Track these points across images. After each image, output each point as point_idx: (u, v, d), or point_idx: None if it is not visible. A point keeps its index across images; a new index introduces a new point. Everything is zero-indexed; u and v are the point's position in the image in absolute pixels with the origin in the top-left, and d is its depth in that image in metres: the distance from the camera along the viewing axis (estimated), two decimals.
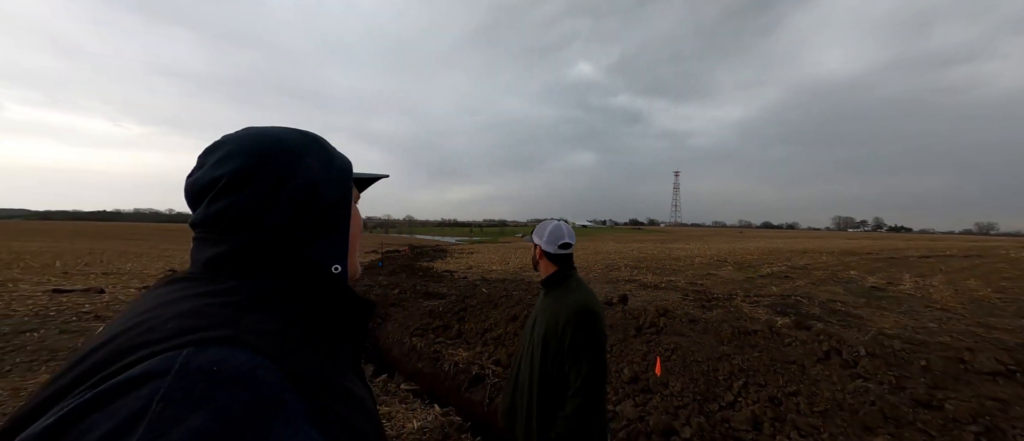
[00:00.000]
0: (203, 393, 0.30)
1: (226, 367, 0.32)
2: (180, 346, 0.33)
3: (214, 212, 0.48)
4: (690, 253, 20.56)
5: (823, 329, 3.56)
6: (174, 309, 0.39)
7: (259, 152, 0.49)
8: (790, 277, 11.28)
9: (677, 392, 2.79)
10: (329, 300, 0.49)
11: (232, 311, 0.40)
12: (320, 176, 0.52)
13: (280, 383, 0.34)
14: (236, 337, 0.36)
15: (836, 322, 5.74)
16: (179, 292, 0.43)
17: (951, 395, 2.49)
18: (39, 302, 6.38)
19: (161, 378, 0.30)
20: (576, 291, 1.39)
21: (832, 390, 2.52)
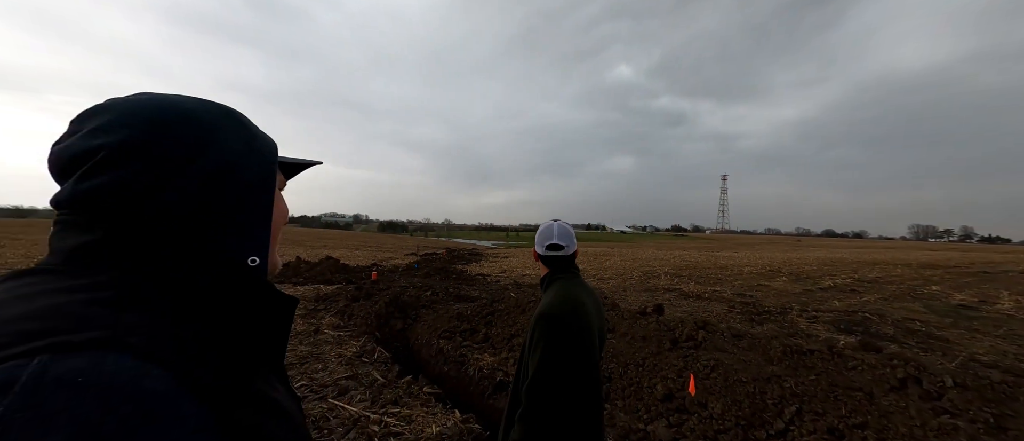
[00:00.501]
0: (62, 409, 0.24)
1: (97, 376, 0.27)
2: (28, 353, 0.27)
3: (87, 189, 0.40)
4: (738, 262, 19.22)
5: (898, 352, 3.07)
6: (22, 308, 0.32)
7: (158, 122, 0.42)
8: (857, 291, 10.14)
9: (718, 414, 2.51)
10: (243, 296, 0.43)
11: (108, 309, 0.33)
12: (237, 156, 0.45)
13: (174, 392, 0.29)
14: (114, 339, 0.30)
15: (914, 344, 5.02)
16: (29, 287, 0.35)
17: None
18: None
19: (4, 394, 0.24)
20: (548, 294, 1.28)
21: (909, 425, 2.12)
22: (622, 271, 14.26)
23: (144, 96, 0.45)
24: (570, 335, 1.15)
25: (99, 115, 0.42)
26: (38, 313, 0.31)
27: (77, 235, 0.40)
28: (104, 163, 0.39)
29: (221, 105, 0.49)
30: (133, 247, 0.39)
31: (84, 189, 0.40)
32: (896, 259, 22.89)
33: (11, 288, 0.35)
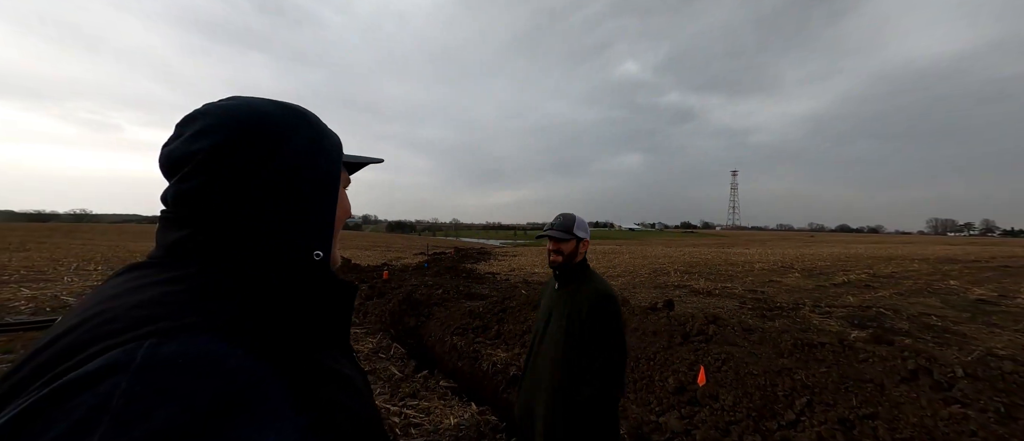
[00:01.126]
0: (169, 385, 0.28)
1: (194, 356, 0.31)
2: (142, 336, 0.31)
3: (185, 191, 0.44)
4: (750, 258, 18.99)
5: (909, 345, 3.07)
6: (135, 297, 0.37)
7: (240, 128, 0.46)
8: (872, 287, 9.98)
9: (729, 406, 2.56)
10: (309, 287, 0.46)
11: (199, 298, 0.38)
12: (305, 157, 0.48)
13: (255, 369, 0.33)
14: (204, 324, 0.34)
15: (930, 339, 4.97)
16: (140, 279, 0.40)
17: None
18: None
19: (122, 372, 0.28)
20: (595, 279, 1.46)
21: (920, 415, 2.15)
22: (631, 269, 14.22)
23: (232, 101, 0.49)
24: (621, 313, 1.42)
25: (197, 121, 0.47)
26: (147, 302, 0.36)
27: (174, 231, 0.45)
28: (199, 167, 0.44)
29: (295, 107, 0.52)
30: (219, 243, 0.44)
31: (182, 190, 0.45)
32: (913, 254, 22.37)
33: (127, 280, 0.41)
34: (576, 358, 1.36)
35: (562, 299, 1.47)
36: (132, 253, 15.99)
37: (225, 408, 0.29)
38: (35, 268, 10.35)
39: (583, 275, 1.48)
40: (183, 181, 0.45)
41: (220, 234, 0.44)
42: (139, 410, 0.26)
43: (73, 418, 0.25)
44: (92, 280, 8.77)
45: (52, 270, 10.12)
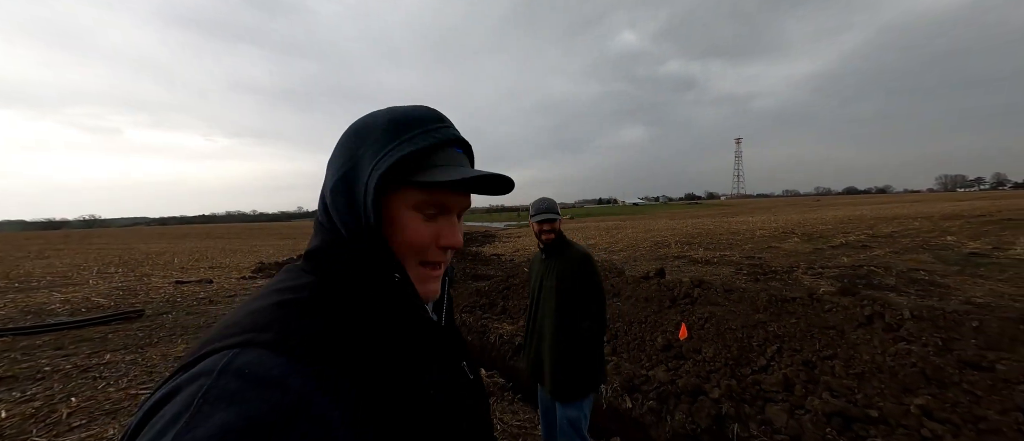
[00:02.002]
0: (234, 393, 0.31)
1: (259, 370, 0.33)
2: (232, 345, 0.35)
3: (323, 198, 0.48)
4: (751, 226, 19.14)
5: (869, 294, 3.34)
6: (256, 304, 0.41)
7: (342, 136, 0.48)
8: (869, 246, 10.17)
9: (709, 358, 2.86)
10: (389, 310, 0.46)
11: (290, 313, 0.40)
12: (357, 166, 0.46)
13: (315, 390, 0.34)
14: (278, 342, 0.36)
15: (913, 292, 5.22)
16: (273, 285, 0.45)
17: (1005, 356, 2.28)
18: (168, 291, 7.84)
19: (207, 376, 0.32)
20: (575, 246, 1.83)
21: (871, 353, 2.43)
22: (633, 242, 14.47)
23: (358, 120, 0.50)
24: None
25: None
26: (256, 311, 0.40)
27: (312, 239, 0.49)
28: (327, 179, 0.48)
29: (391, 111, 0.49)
30: (327, 256, 0.47)
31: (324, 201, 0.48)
32: (917, 212, 22.35)
33: (272, 281, 0.47)
34: (571, 305, 1.70)
35: (551, 266, 1.80)
36: (146, 255, 16.53)
37: (276, 422, 0.31)
38: (59, 274, 10.82)
39: (565, 245, 1.83)
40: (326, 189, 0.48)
41: (332, 248, 0.46)
42: (207, 412, 0.30)
43: (173, 410, 0.30)
44: (115, 282, 9.21)
45: (76, 275, 10.59)
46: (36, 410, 2.94)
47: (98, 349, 4.33)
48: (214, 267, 12.00)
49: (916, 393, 2.11)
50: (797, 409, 2.27)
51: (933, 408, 1.99)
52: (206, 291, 7.84)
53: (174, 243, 25.66)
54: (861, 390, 2.22)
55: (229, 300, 6.96)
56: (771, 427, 2.20)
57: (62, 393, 3.24)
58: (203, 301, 6.90)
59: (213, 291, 7.82)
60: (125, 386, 3.38)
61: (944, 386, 2.13)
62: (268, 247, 19.91)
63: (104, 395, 3.20)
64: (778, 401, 2.35)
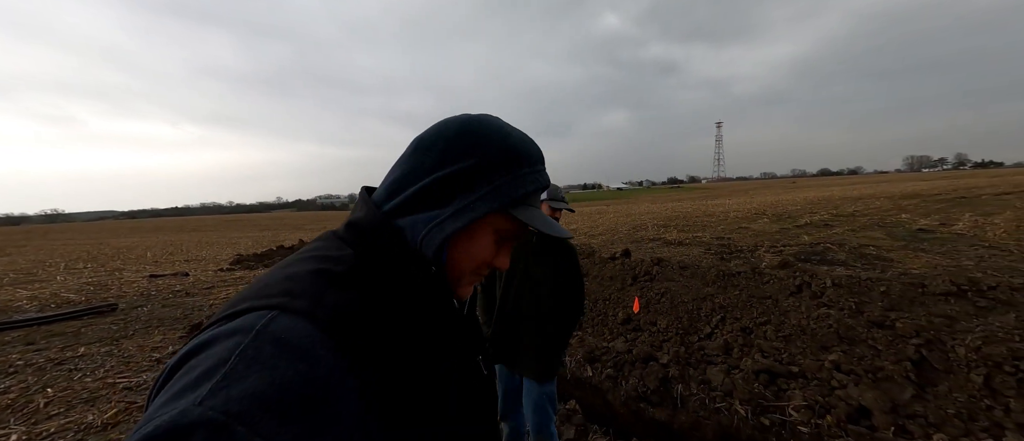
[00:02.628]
0: (268, 357, 0.32)
1: (292, 337, 0.34)
2: (269, 307, 0.37)
3: (392, 168, 0.51)
4: (727, 208, 19.80)
5: (802, 267, 3.67)
6: (292, 269, 0.43)
7: (443, 133, 0.50)
8: (831, 225, 10.75)
9: (663, 329, 3.11)
10: (420, 296, 0.47)
11: (325, 283, 0.41)
12: (463, 176, 0.48)
13: (339, 365, 0.35)
14: (308, 310, 0.37)
15: (860, 266, 5.64)
16: (311, 251, 0.47)
17: (904, 316, 2.60)
18: (141, 286, 7.72)
19: (245, 334, 0.34)
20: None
21: (799, 318, 2.72)
22: (613, 226, 14.83)
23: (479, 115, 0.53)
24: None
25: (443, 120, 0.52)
26: (293, 276, 0.42)
27: (358, 209, 0.51)
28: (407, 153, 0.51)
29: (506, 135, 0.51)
30: (370, 232, 0.48)
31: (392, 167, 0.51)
32: (881, 192, 23.48)
33: (310, 246, 0.49)
34: (561, 291, 1.76)
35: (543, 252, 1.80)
36: (117, 249, 16.00)
37: (301, 391, 0.32)
38: (23, 271, 10.44)
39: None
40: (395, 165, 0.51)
41: (374, 222, 0.48)
42: (242, 372, 0.31)
43: (211, 360, 0.32)
44: (84, 278, 8.98)
45: (42, 271, 10.24)
46: (12, 401, 2.98)
47: (71, 343, 4.33)
48: (190, 260, 11.77)
49: (830, 350, 2.40)
50: (733, 369, 2.53)
51: (842, 363, 2.28)
52: (182, 284, 7.75)
53: (146, 237, 24.81)
54: (787, 350, 2.50)
55: (206, 292, 6.92)
56: (709, 386, 2.46)
57: (37, 385, 3.28)
58: (179, 294, 6.85)
59: (189, 284, 7.74)
60: (102, 376, 3.43)
61: (853, 343, 2.43)
62: (246, 239, 19.51)
63: (81, 385, 3.25)
64: (718, 363, 2.62)
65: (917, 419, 1.92)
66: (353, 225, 0.49)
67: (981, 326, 2.43)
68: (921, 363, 2.19)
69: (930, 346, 2.27)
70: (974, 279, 2.90)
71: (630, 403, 2.62)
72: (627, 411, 2.64)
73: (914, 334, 2.37)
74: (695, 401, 2.39)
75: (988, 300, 2.72)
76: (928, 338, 2.32)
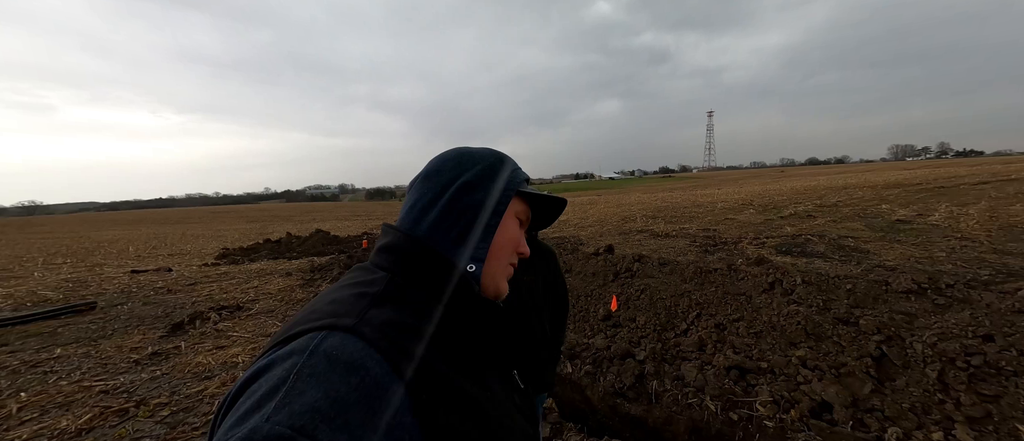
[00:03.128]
0: (323, 373, 0.35)
1: (342, 353, 0.37)
2: (319, 328, 0.40)
3: (405, 204, 0.57)
4: (715, 198, 20.04)
5: (776, 264, 3.77)
6: (334, 295, 0.47)
7: (445, 158, 0.58)
8: (813, 216, 10.96)
9: (642, 325, 3.17)
10: (458, 301, 0.51)
11: (366, 303, 0.45)
12: (476, 180, 0.56)
13: (387, 375, 0.38)
14: (355, 327, 0.41)
15: (837, 258, 5.79)
16: (349, 280, 0.52)
17: (868, 313, 2.70)
18: (122, 282, 7.58)
19: (300, 355, 0.37)
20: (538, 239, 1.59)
21: (770, 315, 2.80)
22: (603, 218, 14.93)
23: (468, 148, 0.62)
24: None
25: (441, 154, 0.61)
26: (337, 300, 0.46)
27: (383, 237, 0.56)
28: (414, 184, 0.58)
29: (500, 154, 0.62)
30: (400, 253, 0.52)
31: (405, 201, 0.57)
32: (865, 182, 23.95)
33: (346, 277, 0.53)
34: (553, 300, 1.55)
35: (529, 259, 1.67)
36: (98, 243, 15.64)
37: (356, 402, 0.34)
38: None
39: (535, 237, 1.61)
40: (408, 192, 0.58)
41: (405, 245, 0.52)
42: (301, 388, 0.33)
43: (272, 382, 0.35)
44: (63, 274, 8.78)
45: (18, 267, 9.98)
46: None
47: (47, 344, 4.25)
48: (174, 254, 11.57)
49: (798, 346, 2.48)
50: (706, 365, 2.60)
51: (808, 358, 2.35)
52: (164, 280, 7.63)
53: (128, 229, 24.26)
54: (757, 346, 2.57)
55: (190, 288, 6.83)
56: (683, 381, 2.52)
57: (11, 389, 3.22)
58: (161, 290, 6.74)
59: (172, 280, 7.62)
60: (78, 379, 3.38)
61: (820, 339, 2.51)
62: (233, 232, 19.19)
63: (56, 389, 3.21)
64: (692, 359, 2.68)
65: (875, 413, 2.00)
66: (384, 250, 0.54)
67: (938, 323, 2.52)
68: (881, 359, 2.28)
69: (890, 342, 2.36)
70: (934, 276, 3.02)
71: (607, 399, 2.67)
72: (605, 407, 2.70)
73: (876, 331, 2.45)
74: (669, 397, 2.45)
75: (946, 298, 2.84)
76: (888, 334, 2.41)
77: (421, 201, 0.55)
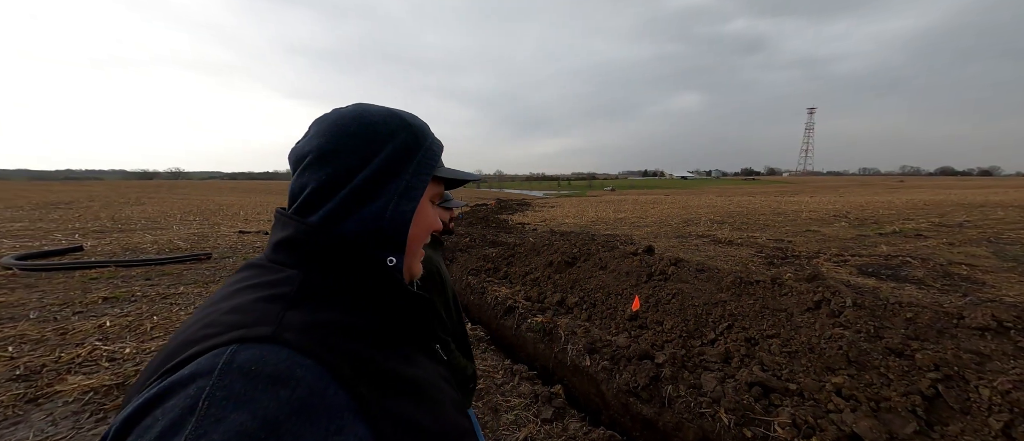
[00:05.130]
0: (242, 392, 0.31)
1: (264, 366, 0.33)
2: (225, 343, 0.35)
3: (295, 188, 0.49)
4: (801, 207, 17.79)
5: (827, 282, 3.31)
6: (232, 302, 0.41)
7: (343, 133, 0.49)
8: (924, 236, 9.25)
9: (668, 329, 3.09)
10: (383, 292, 0.48)
11: (279, 306, 0.40)
12: (392, 167, 0.49)
13: (321, 380, 0.35)
14: (275, 335, 0.36)
15: (937, 286, 4.91)
16: (243, 281, 0.45)
17: (928, 347, 2.26)
18: (232, 239, 9.15)
19: (207, 377, 0.31)
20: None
21: (809, 335, 2.53)
22: (663, 219, 14.17)
23: (349, 108, 0.52)
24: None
25: (319, 122, 0.51)
26: (238, 308, 0.40)
27: (280, 230, 0.48)
28: (307, 167, 0.48)
29: (403, 117, 0.53)
30: (308, 245, 0.46)
31: (294, 188, 0.49)
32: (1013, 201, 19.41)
33: (238, 280, 0.46)
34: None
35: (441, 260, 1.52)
36: (219, 206, 18.85)
37: (291, 415, 0.31)
38: (151, 219, 12.82)
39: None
40: (297, 178, 0.49)
41: (313, 237, 0.46)
42: (215, 415, 0.29)
43: (173, 414, 0.29)
44: (192, 228, 10.81)
45: (163, 220, 12.51)
46: (129, 323, 3.87)
47: (174, 283, 5.38)
48: (271, 220, 13.55)
49: (836, 373, 2.24)
50: (728, 378, 2.48)
51: (845, 386, 2.12)
52: (262, 241, 9.05)
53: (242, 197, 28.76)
54: (788, 366, 2.37)
55: None
56: (699, 390, 2.46)
57: (149, 312, 4.19)
58: (258, 250, 8.02)
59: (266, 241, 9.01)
60: (191, 312, 4.27)
61: (863, 368, 2.23)
62: None
63: (176, 317, 4.10)
64: (714, 370, 2.58)
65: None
66: (285, 244, 0.47)
67: (1017, 368, 2.09)
68: (934, 399, 1.97)
69: (949, 382, 2.02)
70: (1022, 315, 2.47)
71: (621, 396, 2.70)
72: (618, 403, 2.73)
73: (933, 367, 2.11)
74: (681, 403, 2.41)
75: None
76: (949, 373, 2.06)
77: (323, 187, 0.48)
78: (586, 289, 4.10)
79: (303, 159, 0.49)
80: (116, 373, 2.88)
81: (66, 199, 19.72)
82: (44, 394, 2.58)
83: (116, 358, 3.13)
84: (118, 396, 2.62)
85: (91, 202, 18.63)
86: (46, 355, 3.11)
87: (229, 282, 0.47)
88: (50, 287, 4.90)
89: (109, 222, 11.61)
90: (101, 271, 5.68)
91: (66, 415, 2.40)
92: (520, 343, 3.76)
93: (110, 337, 3.53)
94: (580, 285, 4.24)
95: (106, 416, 2.42)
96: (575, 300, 3.95)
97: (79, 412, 2.43)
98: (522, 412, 2.54)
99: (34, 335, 3.46)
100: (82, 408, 2.47)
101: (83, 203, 17.90)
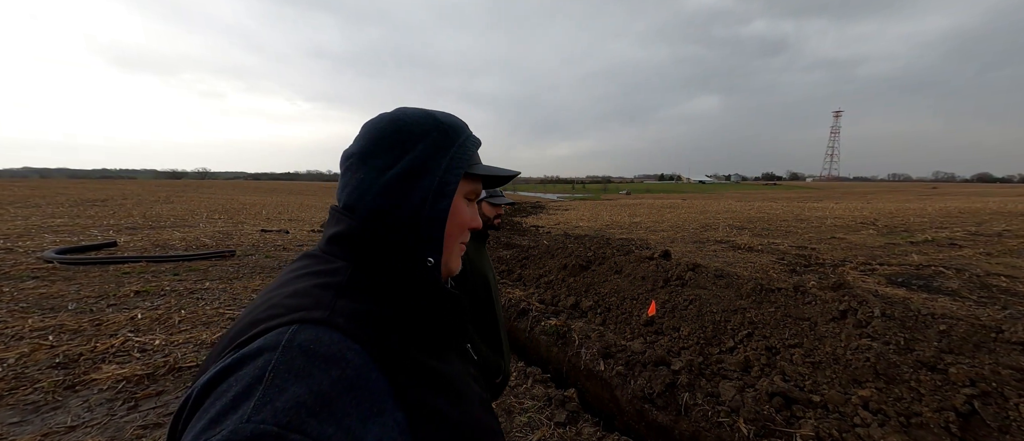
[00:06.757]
0: (302, 367, 0.34)
1: (319, 346, 0.37)
2: (288, 323, 0.39)
3: (341, 187, 0.53)
4: (826, 213, 17.19)
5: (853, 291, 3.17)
6: (292, 288, 0.46)
7: (380, 135, 0.52)
8: (959, 245, 8.80)
9: (685, 335, 3.03)
10: (422, 290, 0.50)
11: (332, 294, 0.44)
12: (421, 163, 0.51)
13: (366, 364, 0.38)
14: (328, 319, 0.40)
15: (974, 299, 4.66)
16: (301, 270, 0.49)
17: (963, 361, 2.13)
18: (254, 237, 9.43)
19: (272, 351, 0.35)
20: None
21: (834, 346, 2.43)
22: (680, 224, 13.91)
23: (396, 111, 0.56)
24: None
25: (366, 125, 0.55)
26: (298, 292, 0.44)
27: (333, 225, 0.53)
28: (351, 168, 0.53)
29: (437, 117, 0.56)
30: (356, 241, 0.50)
31: (340, 187, 0.54)
32: None
33: (296, 268, 0.51)
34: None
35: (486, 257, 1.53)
36: (243, 205, 19.48)
37: (341, 393, 0.34)
38: (179, 216, 13.34)
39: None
40: (342, 177, 0.53)
41: (360, 232, 0.50)
42: (280, 385, 0.33)
43: (245, 381, 0.33)
44: (217, 226, 11.19)
45: (191, 218, 13.00)
46: (159, 316, 4.03)
47: (201, 278, 5.58)
48: (292, 220, 13.92)
49: (863, 385, 2.14)
50: (748, 387, 2.42)
51: (873, 400, 2.03)
52: (283, 240, 9.30)
53: (264, 196, 29.65)
54: (812, 377, 2.29)
55: (299, 248, 8.23)
56: (717, 399, 2.40)
57: (177, 305, 4.36)
58: (279, 248, 8.26)
59: (288, 240, 9.25)
60: (217, 306, 4.43)
61: (892, 382, 2.13)
62: None
63: (202, 311, 4.25)
64: (733, 379, 2.51)
65: None
66: (336, 239, 0.51)
67: None
68: (970, 416, 1.87)
69: (986, 398, 1.91)
70: None
71: (635, 402, 2.66)
72: (632, 409, 2.69)
73: (969, 383, 2.01)
74: (698, 411, 2.36)
75: None
76: (986, 389, 1.95)
77: (362, 186, 0.51)
78: (601, 293, 4.07)
79: (348, 160, 0.54)
80: (147, 364, 3.02)
81: (102, 197, 20.73)
82: (81, 381, 2.72)
83: (147, 349, 3.27)
84: (148, 386, 2.74)
85: (124, 199, 19.53)
86: (83, 344, 3.28)
87: (289, 268, 0.52)
88: (87, 280, 5.16)
89: (140, 219, 12.15)
90: (133, 266, 5.95)
91: (100, 402, 2.52)
92: (534, 345, 3.75)
93: (141, 329, 3.69)
94: (594, 289, 4.21)
95: (137, 404, 2.53)
96: (589, 304, 3.93)
97: (112, 400, 2.55)
98: (536, 415, 2.54)
99: (72, 326, 3.66)
100: (115, 396, 2.59)
101: (117, 200, 18.78)
